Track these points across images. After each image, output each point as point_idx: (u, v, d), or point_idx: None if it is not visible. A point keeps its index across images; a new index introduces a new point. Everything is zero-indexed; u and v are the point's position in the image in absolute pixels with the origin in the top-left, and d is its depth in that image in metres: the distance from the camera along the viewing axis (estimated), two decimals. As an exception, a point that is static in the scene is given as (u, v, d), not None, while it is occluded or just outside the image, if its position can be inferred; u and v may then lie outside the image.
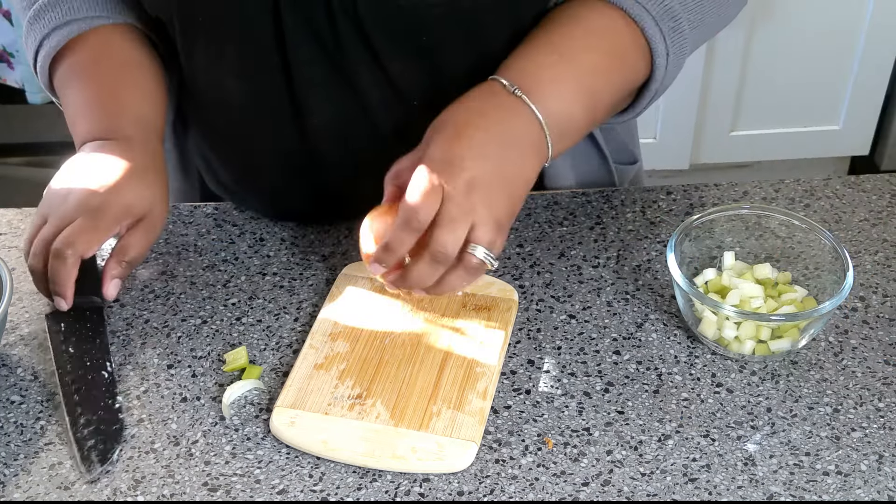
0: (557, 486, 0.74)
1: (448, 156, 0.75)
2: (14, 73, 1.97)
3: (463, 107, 0.79)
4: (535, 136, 0.79)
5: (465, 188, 0.75)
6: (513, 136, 0.78)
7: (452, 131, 0.77)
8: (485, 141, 0.76)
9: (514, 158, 0.78)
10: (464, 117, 0.78)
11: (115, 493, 0.74)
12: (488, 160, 0.76)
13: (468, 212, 0.75)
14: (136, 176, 0.86)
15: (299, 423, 0.77)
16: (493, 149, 0.77)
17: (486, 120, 0.77)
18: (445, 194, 0.74)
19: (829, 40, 2.17)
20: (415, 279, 0.77)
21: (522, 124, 0.79)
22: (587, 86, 0.82)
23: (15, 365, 0.84)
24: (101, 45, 0.93)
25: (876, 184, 1.02)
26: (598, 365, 0.83)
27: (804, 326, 0.81)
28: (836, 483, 0.74)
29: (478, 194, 0.75)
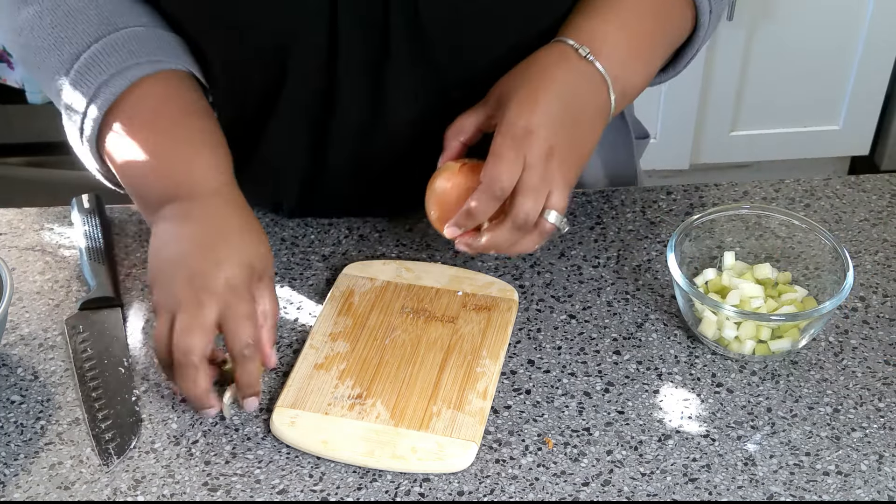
0: (557, 486, 0.74)
1: (528, 124, 0.78)
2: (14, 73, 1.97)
3: (534, 69, 0.81)
4: (602, 100, 0.82)
5: (544, 157, 0.78)
6: (585, 103, 0.81)
7: (530, 97, 0.79)
8: (561, 109, 0.79)
9: (585, 125, 0.81)
10: (538, 82, 0.80)
11: (115, 493, 0.74)
12: (565, 128, 0.79)
13: (547, 180, 0.78)
14: (245, 233, 0.79)
15: (299, 423, 0.77)
16: (569, 117, 0.80)
17: (561, 86, 0.80)
18: (526, 163, 0.77)
19: (829, 40, 2.17)
20: (493, 244, 0.80)
21: (593, 89, 0.81)
22: (646, 48, 0.85)
23: (15, 365, 0.84)
24: (160, 94, 0.83)
25: (876, 184, 1.02)
26: (598, 365, 0.83)
27: (804, 326, 0.81)
28: (836, 483, 0.74)
29: (555, 162, 0.78)
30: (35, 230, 0.97)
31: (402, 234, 0.96)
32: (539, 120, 0.78)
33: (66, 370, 0.83)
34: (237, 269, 0.76)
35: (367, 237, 0.96)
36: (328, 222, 0.97)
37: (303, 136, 0.92)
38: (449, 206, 0.81)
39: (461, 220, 0.80)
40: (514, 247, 0.80)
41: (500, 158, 0.77)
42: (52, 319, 0.87)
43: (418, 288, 0.89)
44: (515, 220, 0.78)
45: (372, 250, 0.94)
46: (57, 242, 0.95)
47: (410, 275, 0.90)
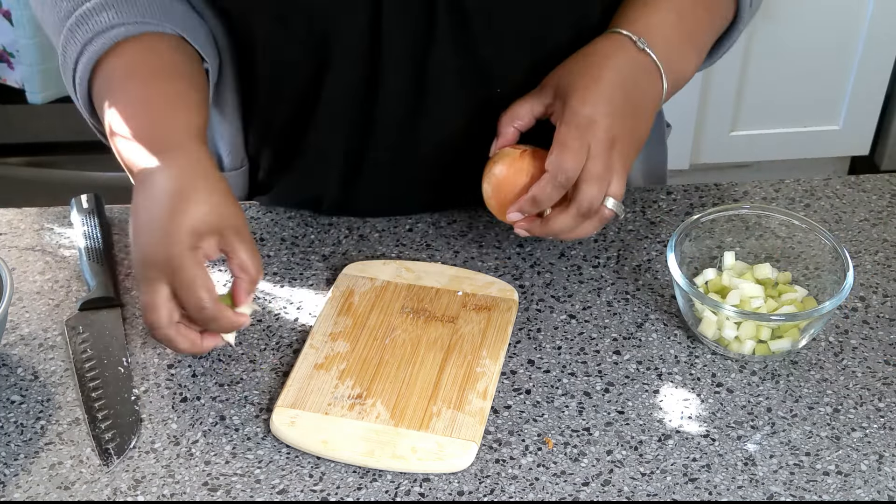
0: (557, 486, 0.74)
1: (592, 113, 0.80)
2: (14, 73, 1.97)
3: (594, 58, 0.83)
4: (657, 91, 0.85)
5: (607, 146, 0.80)
6: (643, 94, 0.84)
7: (591, 86, 0.81)
8: (623, 100, 0.81)
9: (642, 116, 0.84)
10: (599, 72, 0.82)
11: (115, 493, 0.74)
12: (626, 119, 0.81)
13: (609, 168, 0.80)
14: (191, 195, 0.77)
15: (299, 423, 0.77)
16: (629, 107, 0.82)
17: (621, 76, 0.82)
18: (591, 152, 0.79)
19: (829, 40, 2.17)
20: (556, 229, 0.82)
21: (650, 81, 0.84)
22: (697, 41, 0.88)
23: (15, 365, 0.84)
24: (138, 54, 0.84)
25: (876, 184, 1.02)
26: (598, 365, 0.83)
27: (804, 326, 0.81)
28: (836, 483, 0.74)
29: (616, 151, 0.80)
30: (35, 230, 0.97)
31: (402, 234, 0.96)
32: (602, 109, 0.80)
33: (66, 370, 0.83)
34: (188, 236, 0.75)
35: (367, 237, 0.96)
36: (328, 222, 0.97)
37: (345, 126, 0.93)
38: (510, 191, 0.83)
39: (526, 207, 0.82)
40: (573, 232, 0.82)
41: (566, 148, 0.79)
42: (52, 319, 0.88)
43: (418, 288, 0.89)
44: (580, 207, 0.80)
45: (372, 250, 0.94)
46: (57, 242, 0.96)
47: (410, 275, 0.90)
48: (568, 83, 0.82)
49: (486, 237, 0.95)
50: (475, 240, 0.95)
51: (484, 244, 0.95)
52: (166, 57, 0.85)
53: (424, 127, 0.92)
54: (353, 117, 0.92)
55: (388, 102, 0.90)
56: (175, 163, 0.78)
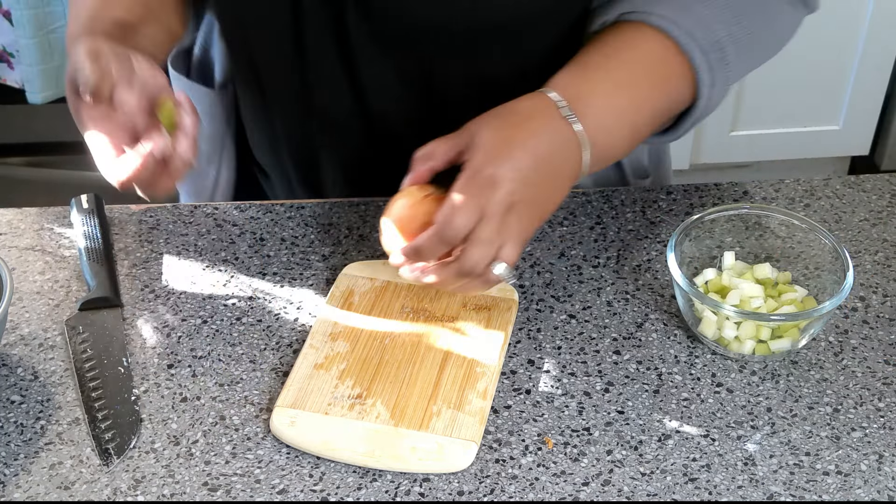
0: (557, 486, 0.74)
1: (493, 173, 0.75)
2: (14, 73, 1.97)
3: (514, 118, 0.79)
4: (575, 162, 0.79)
5: (503, 210, 0.75)
6: (557, 163, 0.78)
7: (501, 146, 0.76)
8: (532, 166, 0.76)
9: (553, 185, 0.79)
10: (513, 132, 0.77)
11: (115, 493, 0.74)
12: (530, 186, 0.77)
13: (502, 234, 0.75)
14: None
15: (299, 423, 0.77)
16: (538, 176, 0.77)
17: (535, 141, 0.77)
18: (484, 213, 0.75)
19: (829, 40, 2.17)
20: (436, 282, 0.78)
21: (568, 151, 0.79)
22: (633, 118, 0.82)
23: (15, 365, 0.84)
24: None
25: (876, 184, 1.02)
26: (598, 365, 0.83)
27: (804, 326, 0.81)
28: (836, 483, 0.74)
29: (514, 216, 0.76)
30: (35, 230, 0.97)
31: (402, 234, 0.96)
32: (506, 172, 0.75)
33: (66, 370, 0.83)
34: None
35: (367, 237, 0.96)
36: (328, 222, 0.98)
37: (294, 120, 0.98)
38: (403, 233, 0.79)
39: (408, 254, 0.77)
40: (454, 287, 0.79)
41: (458, 204, 0.74)
42: (52, 319, 0.88)
43: (418, 288, 0.89)
44: (462, 267, 0.76)
45: (372, 250, 0.94)
46: (57, 242, 0.95)
47: (410, 275, 0.90)
48: (481, 136, 0.77)
49: (486, 237, 0.95)
50: (475, 240, 0.95)
51: (484, 244, 0.95)
52: None
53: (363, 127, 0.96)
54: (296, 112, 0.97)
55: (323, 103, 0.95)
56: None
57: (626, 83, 0.82)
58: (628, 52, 0.83)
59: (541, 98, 0.80)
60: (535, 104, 0.80)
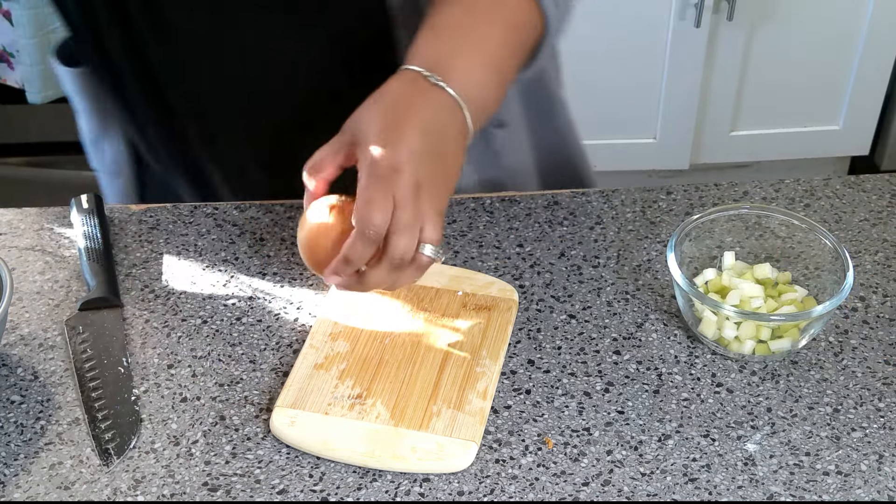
0: (557, 486, 0.74)
1: (392, 162, 0.75)
2: (14, 73, 1.97)
3: (389, 101, 0.78)
4: (460, 123, 0.79)
5: (413, 193, 0.75)
6: (443, 129, 0.78)
7: (389, 132, 0.76)
8: (422, 141, 0.76)
9: (448, 151, 0.78)
10: (393, 114, 0.77)
11: (115, 493, 0.74)
12: (429, 160, 0.76)
13: (419, 216, 0.75)
14: None
15: (299, 423, 0.77)
16: (432, 148, 0.77)
17: (417, 117, 0.77)
18: (396, 201, 0.74)
19: (829, 40, 2.17)
20: (373, 284, 0.77)
21: (449, 114, 0.78)
22: (496, 63, 0.82)
23: (15, 365, 0.84)
24: None
25: (876, 184, 1.02)
26: (598, 365, 0.83)
27: (804, 326, 0.81)
28: (836, 483, 0.74)
29: (424, 196, 0.75)
30: (35, 230, 0.97)
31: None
32: (402, 156, 0.75)
33: (65, 370, 0.83)
34: None
35: (367, 237, 0.96)
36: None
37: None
38: (324, 250, 0.78)
39: (340, 268, 0.76)
40: (392, 284, 0.78)
41: (371, 201, 0.74)
42: (52, 319, 0.88)
43: (418, 288, 0.89)
44: (392, 260, 0.75)
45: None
46: (57, 242, 0.96)
47: (410, 275, 0.90)
48: (365, 130, 0.76)
49: (486, 237, 0.95)
50: (475, 240, 0.95)
51: (484, 244, 0.95)
52: None
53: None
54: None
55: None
56: None
57: (479, 35, 0.82)
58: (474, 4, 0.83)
59: (407, 74, 0.79)
60: (403, 82, 0.79)
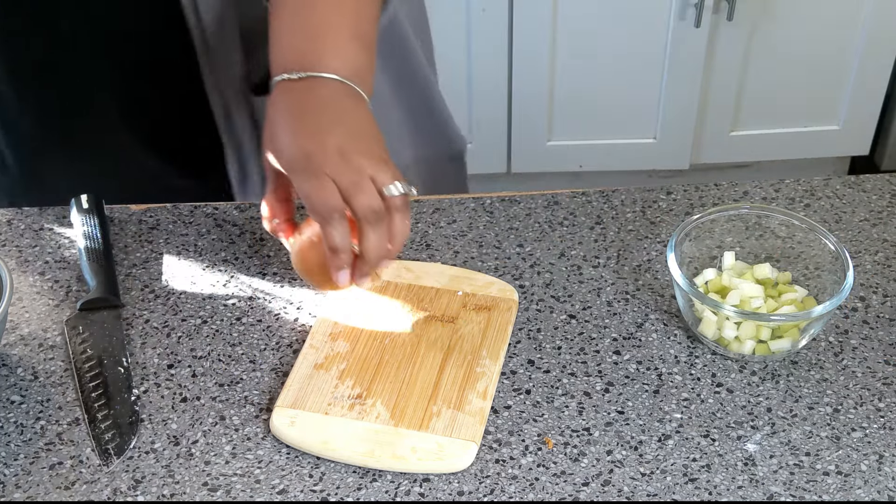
0: (557, 486, 0.74)
1: (302, 150, 0.76)
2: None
3: (274, 115, 0.80)
4: (347, 92, 0.80)
5: (339, 159, 0.75)
6: (330, 100, 0.79)
7: (285, 133, 0.78)
8: (315, 117, 0.77)
9: (347, 110, 0.79)
10: (281, 119, 0.78)
11: (115, 493, 0.74)
12: (333, 126, 0.77)
13: (358, 169, 0.75)
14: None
15: (299, 423, 0.77)
16: (327, 117, 0.78)
17: (300, 107, 0.78)
18: (330, 173, 0.75)
19: (828, 40, 2.17)
20: (373, 252, 0.77)
21: (329, 89, 0.79)
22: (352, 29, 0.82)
23: (15, 365, 0.84)
24: None
25: (876, 184, 1.02)
26: (598, 365, 0.83)
27: (804, 326, 0.81)
28: (836, 483, 0.74)
29: (352, 153, 0.76)
30: (35, 230, 0.97)
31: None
32: (310, 145, 0.76)
33: (65, 370, 0.83)
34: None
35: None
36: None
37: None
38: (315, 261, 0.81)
39: (336, 262, 0.77)
40: (390, 241, 0.78)
41: (308, 192, 0.75)
42: (52, 319, 0.88)
43: (418, 288, 0.89)
44: (366, 217, 0.75)
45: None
46: (57, 242, 0.96)
47: (410, 275, 0.90)
48: (278, 155, 0.78)
49: (486, 237, 0.95)
50: (475, 240, 0.95)
51: (484, 244, 0.95)
52: None
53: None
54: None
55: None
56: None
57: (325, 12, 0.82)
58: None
59: (278, 86, 0.80)
60: (280, 96, 0.80)
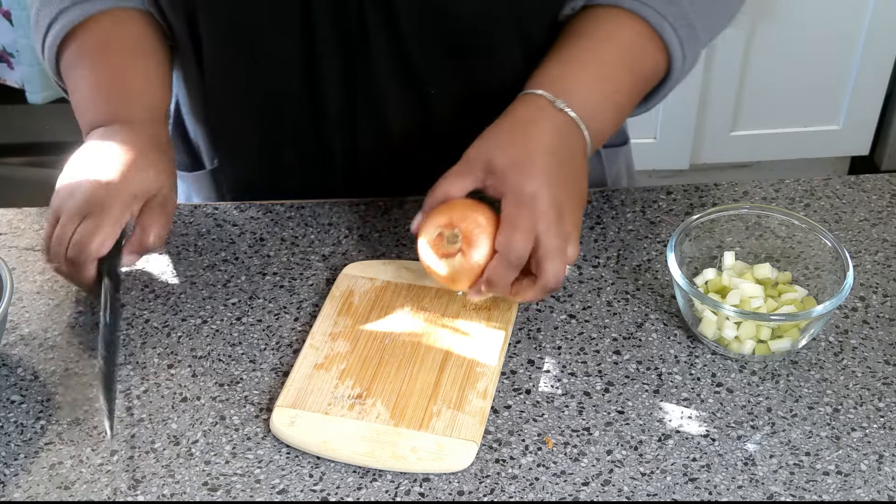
0: (557, 486, 0.74)
1: (533, 189, 0.78)
2: (14, 73, 1.97)
3: (518, 128, 0.82)
4: (582, 142, 0.84)
5: (556, 218, 0.79)
6: (572, 154, 0.83)
7: (524, 160, 0.80)
8: (558, 166, 0.80)
9: (578, 174, 0.83)
10: (526, 142, 0.81)
11: (115, 493, 0.74)
12: (563, 182, 0.80)
13: (565, 238, 0.79)
14: (139, 159, 0.86)
15: (299, 423, 0.77)
16: (565, 172, 0.81)
17: (550, 142, 0.81)
18: (542, 227, 0.78)
19: (829, 40, 2.17)
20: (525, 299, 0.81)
21: (574, 135, 0.83)
22: (617, 100, 0.87)
23: (15, 365, 0.84)
24: (109, 29, 0.93)
25: (876, 184, 1.02)
26: (598, 365, 0.83)
27: (804, 326, 0.81)
28: (836, 483, 0.74)
29: (566, 216, 0.79)
30: (35, 230, 0.97)
31: (402, 234, 0.96)
32: (543, 182, 0.79)
33: (65, 370, 0.83)
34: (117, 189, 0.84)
35: (367, 237, 0.96)
36: (328, 222, 0.98)
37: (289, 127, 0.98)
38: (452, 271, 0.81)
39: (484, 289, 0.81)
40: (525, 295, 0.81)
41: (515, 227, 0.78)
42: (52, 319, 0.88)
43: (418, 288, 0.89)
44: (546, 283, 0.79)
45: (372, 250, 0.94)
46: (57, 242, 0.95)
47: (410, 275, 0.90)
48: (501, 159, 0.80)
49: (486, 237, 0.95)
50: (475, 240, 0.95)
51: (484, 244, 0.95)
52: (136, 33, 0.94)
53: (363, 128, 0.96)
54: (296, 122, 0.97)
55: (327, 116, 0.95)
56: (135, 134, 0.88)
57: (603, 70, 0.86)
58: (603, 43, 0.87)
59: (532, 99, 0.83)
60: (530, 106, 0.83)
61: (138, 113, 0.90)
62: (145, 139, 0.88)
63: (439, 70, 0.92)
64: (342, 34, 0.89)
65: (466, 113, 0.90)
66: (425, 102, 0.94)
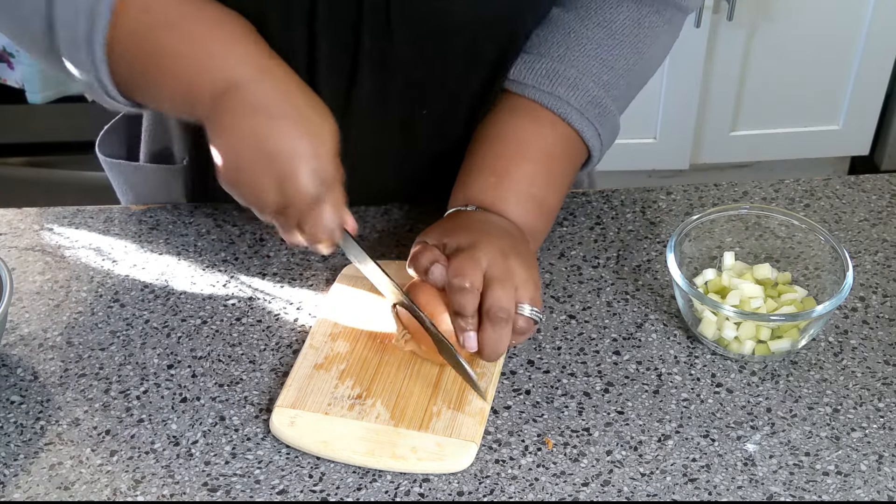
0: (557, 486, 0.74)
1: (473, 240, 0.80)
2: (14, 73, 1.97)
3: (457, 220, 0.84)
4: (522, 235, 0.85)
5: (500, 256, 0.79)
6: (508, 228, 0.84)
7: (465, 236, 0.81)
8: (495, 236, 0.81)
9: (521, 247, 0.82)
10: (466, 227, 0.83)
11: (115, 493, 0.74)
12: (505, 238, 0.81)
13: (510, 273, 0.78)
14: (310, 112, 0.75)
15: (299, 423, 0.77)
16: (505, 238, 0.82)
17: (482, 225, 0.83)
18: (485, 262, 0.78)
19: (829, 40, 2.17)
20: (488, 346, 0.77)
21: (507, 222, 0.85)
22: (530, 195, 0.87)
23: (15, 365, 0.84)
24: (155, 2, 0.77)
25: (876, 184, 1.02)
26: (598, 365, 0.83)
27: (804, 326, 0.81)
28: (836, 483, 0.74)
29: (512, 259, 0.79)
30: (35, 230, 0.97)
31: (402, 235, 0.96)
32: (484, 237, 0.80)
33: (65, 370, 0.83)
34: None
35: (367, 237, 0.96)
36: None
37: None
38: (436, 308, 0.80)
39: (460, 324, 0.78)
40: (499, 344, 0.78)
41: (458, 260, 0.78)
42: (51, 319, 0.88)
43: (418, 288, 0.88)
44: (492, 312, 0.76)
45: (372, 250, 0.94)
46: (57, 242, 0.96)
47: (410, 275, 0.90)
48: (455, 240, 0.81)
49: (486, 237, 0.95)
50: (475, 240, 0.95)
51: (484, 244, 0.95)
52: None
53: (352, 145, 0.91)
54: None
55: None
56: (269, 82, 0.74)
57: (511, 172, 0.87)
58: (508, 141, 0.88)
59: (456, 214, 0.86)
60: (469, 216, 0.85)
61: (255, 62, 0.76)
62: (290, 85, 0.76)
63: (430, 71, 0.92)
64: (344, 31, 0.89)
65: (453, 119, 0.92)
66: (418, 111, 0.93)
